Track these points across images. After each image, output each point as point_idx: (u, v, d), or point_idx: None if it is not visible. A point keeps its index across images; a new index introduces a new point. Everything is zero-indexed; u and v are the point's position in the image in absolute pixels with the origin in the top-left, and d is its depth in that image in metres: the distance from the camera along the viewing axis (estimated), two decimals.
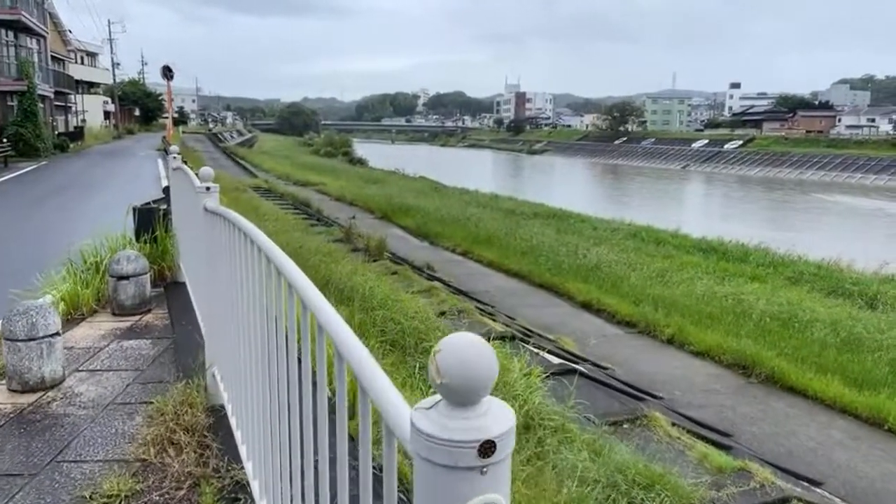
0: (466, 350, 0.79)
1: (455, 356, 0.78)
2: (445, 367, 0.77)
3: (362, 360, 1.05)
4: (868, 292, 12.63)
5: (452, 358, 0.78)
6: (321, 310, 1.28)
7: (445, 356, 0.78)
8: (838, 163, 58.26)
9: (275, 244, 1.78)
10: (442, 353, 0.79)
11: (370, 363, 1.04)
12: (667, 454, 5.51)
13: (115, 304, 4.98)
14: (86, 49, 58.70)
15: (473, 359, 0.78)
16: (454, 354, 0.78)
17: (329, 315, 1.24)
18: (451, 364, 0.77)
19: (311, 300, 1.35)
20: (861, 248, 18.78)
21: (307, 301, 1.37)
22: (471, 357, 0.78)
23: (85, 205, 13.66)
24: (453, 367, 0.77)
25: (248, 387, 2.20)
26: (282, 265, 1.60)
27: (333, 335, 1.19)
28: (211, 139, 58.78)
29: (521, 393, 5.48)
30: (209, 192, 3.15)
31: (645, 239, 17.86)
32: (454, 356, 0.78)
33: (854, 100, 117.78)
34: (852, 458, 6.84)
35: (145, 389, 3.48)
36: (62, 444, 2.88)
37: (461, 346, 0.79)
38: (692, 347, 9.56)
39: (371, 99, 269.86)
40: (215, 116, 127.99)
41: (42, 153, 28.05)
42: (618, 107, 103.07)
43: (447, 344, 0.80)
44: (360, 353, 1.07)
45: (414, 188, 28.45)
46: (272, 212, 16.97)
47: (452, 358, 0.78)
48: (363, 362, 1.05)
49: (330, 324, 1.22)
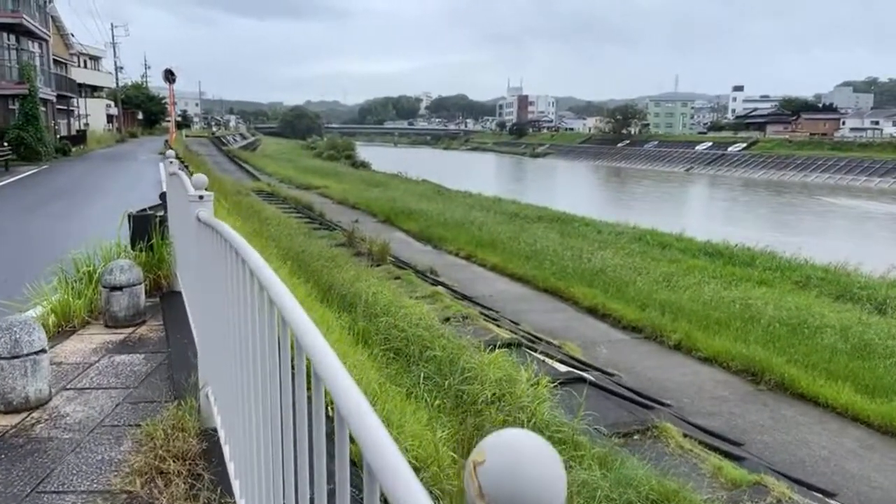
0: (525, 467, 0.54)
1: (508, 475, 0.53)
2: (493, 489, 0.53)
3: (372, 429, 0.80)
4: (877, 297, 12.46)
5: (503, 477, 0.53)
6: (328, 365, 1.05)
7: (492, 473, 0.54)
8: (843, 165, 58.05)
9: (268, 266, 1.61)
10: (487, 468, 0.54)
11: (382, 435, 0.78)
12: (680, 468, 5.34)
13: (108, 315, 4.82)
14: (88, 53, 58.72)
15: (535, 479, 0.54)
16: (506, 473, 0.53)
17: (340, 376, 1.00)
18: (503, 487, 0.53)
19: (312, 348, 1.15)
20: (868, 252, 18.58)
21: (306, 348, 1.17)
22: (531, 476, 0.54)
23: (85, 210, 13.53)
24: (505, 490, 0.53)
25: (241, 412, 2.04)
26: (276, 294, 1.41)
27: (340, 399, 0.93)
28: (214, 143, 58.81)
29: (528, 404, 5.33)
30: (202, 202, 2.98)
31: (650, 242, 17.71)
32: (506, 475, 0.53)
33: (857, 102, 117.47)
34: (865, 468, 6.68)
35: (135, 410, 3.31)
36: (44, 472, 2.70)
37: (516, 460, 0.54)
38: (700, 353, 9.43)
39: (374, 102, 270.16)
40: (218, 120, 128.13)
41: (43, 157, 27.99)
42: (620, 110, 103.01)
43: (495, 452, 0.55)
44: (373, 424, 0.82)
45: (417, 192, 28.34)
46: (275, 216, 16.85)
47: (503, 477, 0.53)
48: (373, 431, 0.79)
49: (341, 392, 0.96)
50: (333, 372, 0.94)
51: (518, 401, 5.39)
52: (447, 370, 6.02)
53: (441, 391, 5.60)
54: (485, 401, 5.37)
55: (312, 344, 1.08)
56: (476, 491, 0.54)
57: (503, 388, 5.56)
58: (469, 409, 5.34)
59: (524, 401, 5.39)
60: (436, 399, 5.29)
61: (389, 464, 0.69)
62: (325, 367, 0.98)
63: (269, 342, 1.54)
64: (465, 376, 5.80)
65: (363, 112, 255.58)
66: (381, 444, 0.72)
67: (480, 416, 5.22)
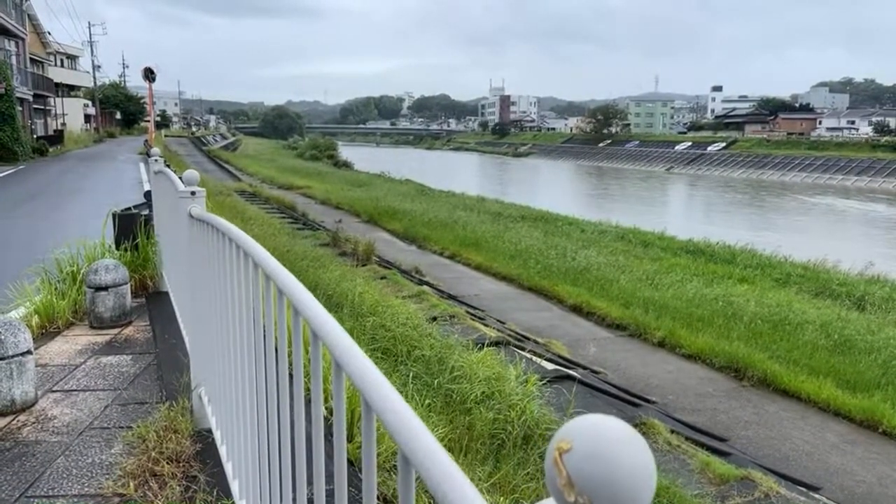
0: (615, 450, 0.52)
1: (598, 461, 0.51)
2: (584, 477, 0.51)
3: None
4: (855, 293, 12.67)
5: (594, 463, 0.51)
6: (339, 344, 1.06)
7: (580, 459, 0.52)
8: (819, 164, 58.93)
9: (270, 254, 1.60)
10: (574, 455, 0.52)
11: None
12: (669, 464, 5.38)
13: (94, 316, 4.74)
14: (66, 52, 57.78)
15: (626, 463, 0.51)
16: (596, 458, 0.51)
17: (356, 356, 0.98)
18: (594, 474, 0.51)
19: (325, 331, 1.14)
20: (846, 249, 18.90)
21: (319, 331, 1.16)
22: (622, 461, 0.51)
23: (65, 211, 13.32)
24: (597, 477, 0.51)
25: (238, 411, 2.01)
26: (285, 284, 1.39)
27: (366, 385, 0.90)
28: (194, 143, 58.22)
29: (518, 402, 5.33)
30: (194, 197, 2.94)
31: (632, 241, 17.84)
32: (597, 461, 0.51)
33: (833, 102, 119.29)
34: (848, 462, 6.78)
35: (125, 412, 3.24)
36: (33, 476, 2.63)
37: (604, 445, 0.52)
38: (684, 350, 9.51)
39: (355, 102, 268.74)
40: (198, 120, 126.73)
41: (20, 157, 27.53)
42: (601, 110, 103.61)
43: (582, 438, 0.53)
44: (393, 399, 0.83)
45: (400, 191, 28.26)
46: (257, 216, 16.71)
47: (594, 463, 0.51)
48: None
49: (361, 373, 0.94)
50: (359, 361, 0.92)
51: (507, 399, 5.40)
52: (436, 369, 6.01)
53: (430, 390, 5.59)
54: (474, 399, 5.36)
55: (331, 333, 1.06)
56: (565, 480, 0.52)
57: (492, 386, 5.57)
58: (459, 407, 5.33)
59: (513, 399, 5.40)
60: (425, 398, 5.27)
61: (425, 448, 0.68)
62: (349, 356, 0.96)
63: (278, 336, 1.52)
64: (454, 375, 5.79)
65: (345, 112, 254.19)
66: (416, 432, 0.71)
67: (470, 414, 5.22)
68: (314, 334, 1.13)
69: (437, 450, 0.67)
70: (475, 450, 4.80)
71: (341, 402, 1.04)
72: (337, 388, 1.02)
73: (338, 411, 1.04)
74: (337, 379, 1.01)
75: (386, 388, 0.82)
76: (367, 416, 0.86)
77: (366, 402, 0.85)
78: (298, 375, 1.36)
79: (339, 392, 1.03)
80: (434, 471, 0.64)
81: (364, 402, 0.85)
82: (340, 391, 1.03)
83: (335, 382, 1.02)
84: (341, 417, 1.03)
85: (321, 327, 1.10)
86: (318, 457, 1.19)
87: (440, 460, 0.65)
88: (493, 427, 5.06)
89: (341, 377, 1.00)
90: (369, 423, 0.87)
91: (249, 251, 1.73)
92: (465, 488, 0.61)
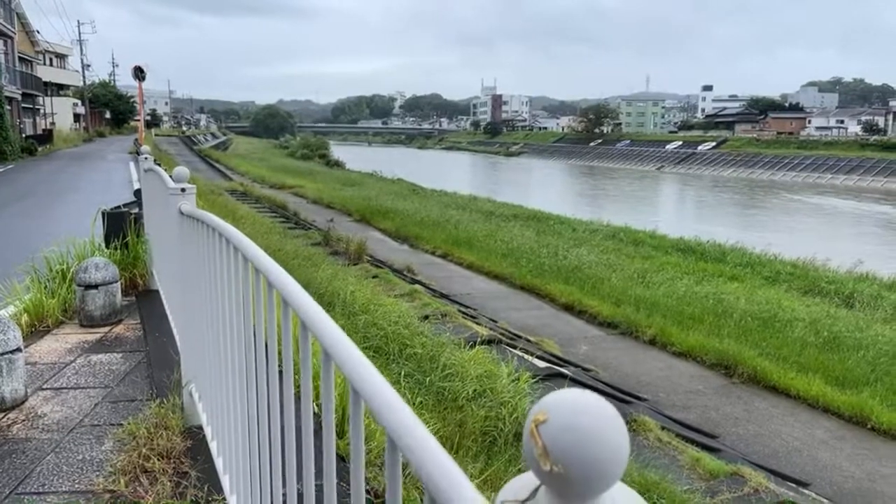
0: (589, 423, 0.54)
1: (572, 432, 0.54)
2: (558, 447, 0.53)
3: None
4: (844, 291, 12.78)
5: (568, 434, 0.53)
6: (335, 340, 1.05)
7: (556, 430, 0.54)
8: (809, 163, 59.33)
9: (260, 249, 1.60)
10: (550, 426, 0.54)
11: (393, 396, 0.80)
12: (660, 460, 5.41)
13: (83, 314, 4.71)
14: (55, 50, 57.37)
15: (599, 435, 0.54)
16: (570, 429, 0.54)
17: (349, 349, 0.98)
18: (568, 444, 0.53)
19: (319, 329, 1.15)
20: (834, 248, 19.05)
21: (308, 321, 1.17)
22: (595, 432, 0.54)
23: (54, 210, 13.23)
24: (570, 447, 0.53)
25: (228, 407, 2.01)
26: (276, 279, 1.40)
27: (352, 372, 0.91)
28: (185, 142, 57.94)
29: (510, 399, 5.35)
30: (184, 194, 2.94)
31: (623, 240, 17.92)
32: (571, 432, 0.54)
33: (822, 102, 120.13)
34: (837, 458, 6.83)
35: (116, 409, 3.24)
36: (23, 473, 2.63)
37: (579, 417, 0.54)
38: (674, 348, 9.56)
39: (347, 101, 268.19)
40: (189, 119, 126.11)
41: (8, 156, 27.33)
42: (593, 109, 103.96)
43: (557, 410, 0.55)
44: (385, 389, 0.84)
45: (392, 190, 28.25)
46: (248, 215, 16.66)
47: (568, 434, 0.53)
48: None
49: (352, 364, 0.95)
50: (347, 350, 0.93)
51: (499, 396, 5.42)
52: (428, 367, 6.02)
53: (422, 388, 5.60)
54: (466, 397, 5.38)
55: (320, 323, 1.07)
56: (540, 450, 0.54)
57: (484, 384, 5.58)
58: (451, 405, 5.35)
59: (505, 396, 5.42)
60: (417, 396, 5.29)
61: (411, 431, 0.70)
62: (337, 345, 0.97)
63: (268, 331, 1.52)
64: (446, 373, 5.80)
65: (336, 111, 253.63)
66: (402, 415, 0.72)
67: (462, 411, 5.23)
68: (303, 325, 1.13)
69: (423, 434, 0.68)
70: (467, 447, 4.81)
71: (330, 392, 1.04)
72: (325, 378, 1.03)
73: (326, 401, 1.04)
74: (326, 368, 1.02)
75: (373, 375, 0.83)
76: (354, 403, 0.87)
77: (354, 389, 0.86)
78: (288, 370, 1.36)
79: (328, 382, 1.03)
80: (419, 453, 0.66)
81: (352, 390, 0.86)
82: (329, 380, 1.03)
83: (324, 371, 1.02)
84: (330, 408, 1.04)
85: (311, 318, 1.11)
86: (308, 451, 1.20)
87: (426, 442, 0.66)
88: (485, 424, 5.08)
89: (330, 366, 1.01)
90: (357, 410, 0.88)
91: (239, 246, 1.73)
92: (450, 469, 0.62)
